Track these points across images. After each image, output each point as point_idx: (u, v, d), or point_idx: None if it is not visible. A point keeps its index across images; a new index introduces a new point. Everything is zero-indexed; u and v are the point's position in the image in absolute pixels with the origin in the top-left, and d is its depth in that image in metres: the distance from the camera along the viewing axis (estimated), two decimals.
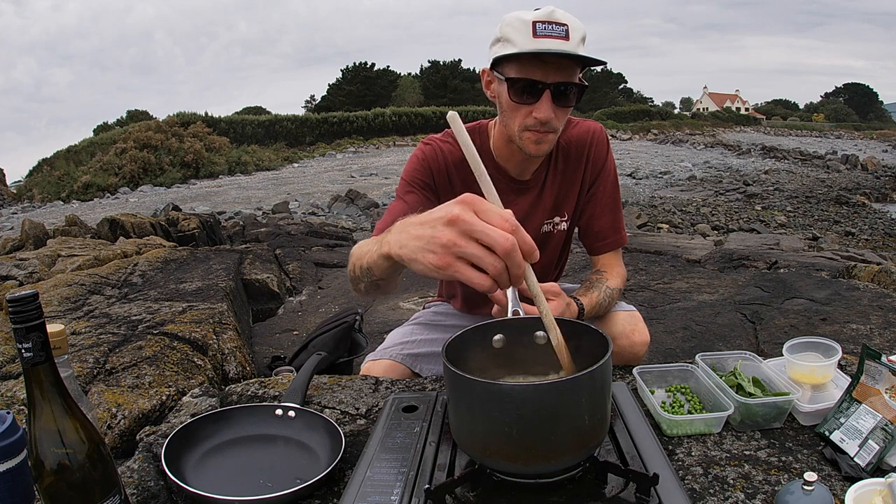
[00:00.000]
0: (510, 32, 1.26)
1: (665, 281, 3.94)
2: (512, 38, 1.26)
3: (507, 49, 1.27)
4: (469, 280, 0.76)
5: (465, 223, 0.75)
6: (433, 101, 47.47)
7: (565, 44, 1.24)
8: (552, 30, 1.24)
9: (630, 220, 10.56)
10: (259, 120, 35.70)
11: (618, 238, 1.60)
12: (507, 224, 0.75)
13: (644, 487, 0.85)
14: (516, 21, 1.26)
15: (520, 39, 1.24)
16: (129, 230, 6.30)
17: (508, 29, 1.27)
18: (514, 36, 1.25)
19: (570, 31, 1.25)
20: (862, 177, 20.20)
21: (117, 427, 1.43)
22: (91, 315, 2.36)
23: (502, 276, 0.75)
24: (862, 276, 3.78)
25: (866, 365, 1.05)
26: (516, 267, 0.75)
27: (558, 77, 1.27)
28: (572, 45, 1.25)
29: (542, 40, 1.23)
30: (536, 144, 1.35)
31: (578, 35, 1.27)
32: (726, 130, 47.80)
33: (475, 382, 0.80)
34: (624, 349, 1.52)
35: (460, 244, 0.75)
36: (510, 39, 1.26)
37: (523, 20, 1.25)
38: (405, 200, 1.43)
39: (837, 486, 0.94)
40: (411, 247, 0.81)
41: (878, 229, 12.10)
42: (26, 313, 0.70)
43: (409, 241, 0.81)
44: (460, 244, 0.75)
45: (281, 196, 16.52)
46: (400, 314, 3.53)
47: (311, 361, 1.38)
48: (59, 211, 17.27)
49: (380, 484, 0.91)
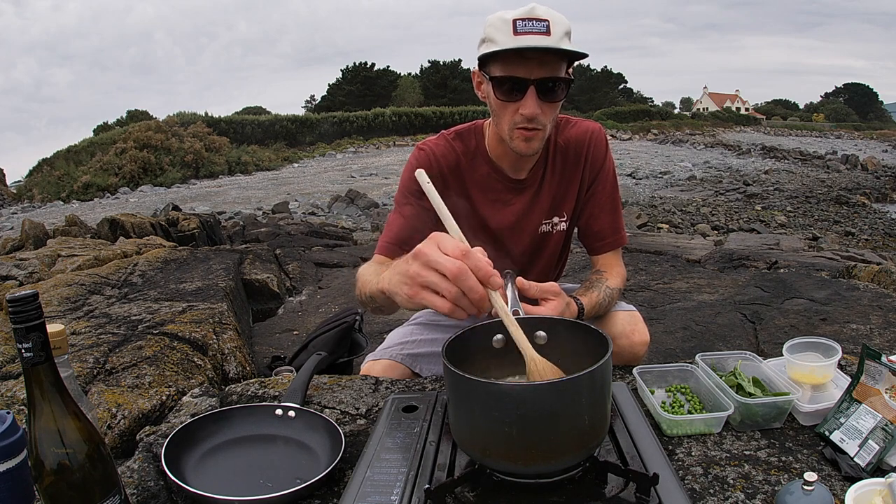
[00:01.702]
0: (492, 32, 1.27)
1: (665, 281, 3.94)
2: (494, 37, 1.26)
3: (490, 48, 1.27)
4: (433, 305, 0.86)
5: (424, 255, 0.86)
6: (433, 101, 47.48)
7: (546, 39, 1.24)
8: (532, 26, 1.24)
9: (630, 220, 10.56)
10: (259, 120, 35.71)
11: (617, 238, 1.60)
12: (457, 251, 0.85)
13: (644, 487, 0.85)
14: (497, 20, 1.27)
15: (501, 38, 1.25)
16: (129, 230, 6.30)
17: (490, 29, 1.28)
18: (496, 35, 1.26)
19: (552, 25, 1.24)
20: (862, 177, 20.21)
21: (117, 427, 1.43)
22: (91, 315, 2.36)
23: (460, 300, 0.84)
24: (862, 276, 3.78)
25: (866, 365, 1.05)
26: (470, 291, 0.83)
27: (542, 73, 1.27)
28: (554, 39, 1.24)
29: (523, 37, 1.23)
30: (526, 142, 1.35)
31: (561, 30, 1.26)
32: (726, 130, 47.80)
33: (475, 382, 0.80)
34: (624, 349, 1.52)
35: (422, 274, 0.86)
36: (493, 39, 1.27)
37: (504, 19, 1.25)
38: (403, 214, 1.46)
39: (837, 486, 0.94)
40: (393, 282, 0.94)
41: (878, 229, 12.10)
42: (26, 313, 0.70)
43: (393, 276, 0.95)
44: (422, 274, 0.86)
45: (281, 196, 16.53)
46: (400, 314, 3.52)
47: (311, 361, 1.38)
48: (59, 211, 17.27)
49: (380, 484, 0.91)
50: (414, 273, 0.87)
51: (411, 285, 0.88)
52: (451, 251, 0.85)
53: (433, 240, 0.88)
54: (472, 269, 0.83)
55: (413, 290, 0.88)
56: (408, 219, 1.44)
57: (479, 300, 0.84)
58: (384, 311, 1.31)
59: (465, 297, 0.84)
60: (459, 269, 0.83)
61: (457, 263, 0.83)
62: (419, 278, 0.87)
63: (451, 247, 0.85)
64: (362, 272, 1.32)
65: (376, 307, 1.25)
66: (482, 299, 0.84)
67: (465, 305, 0.84)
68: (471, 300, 0.84)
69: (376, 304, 1.21)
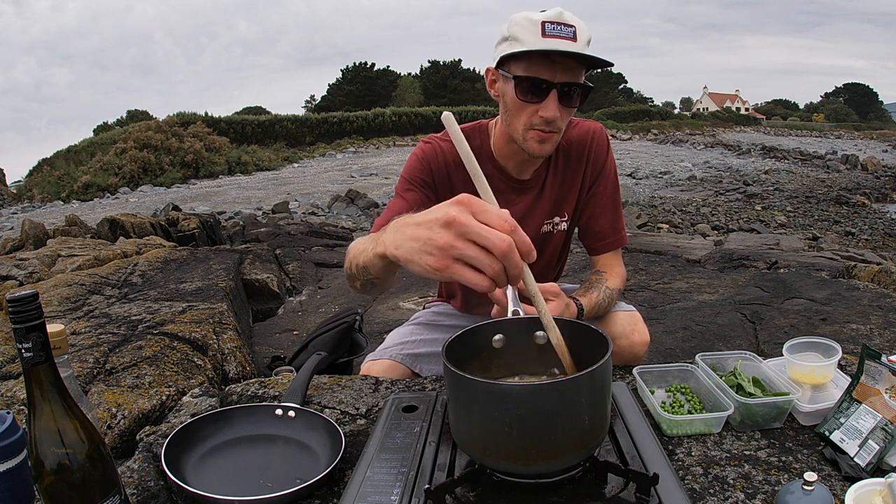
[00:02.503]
0: (518, 31, 1.27)
1: (665, 281, 3.94)
2: (520, 37, 1.27)
3: (515, 48, 1.28)
4: (468, 281, 0.75)
5: (462, 225, 0.74)
6: (433, 101, 47.48)
7: (573, 45, 1.26)
8: (561, 30, 1.25)
9: (630, 220, 10.56)
10: (259, 120, 35.70)
11: (617, 238, 1.61)
12: (506, 224, 0.74)
13: (644, 487, 0.85)
14: (525, 21, 1.27)
15: (529, 38, 1.26)
16: (129, 230, 6.29)
17: (517, 28, 1.28)
18: (523, 35, 1.26)
19: (578, 32, 1.27)
20: (862, 177, 20.20)
21: (117, 427, 1.43)
22: (91, 315, 2.36)
23: (500, 276, 0.75)
24: (862, 276, 3.78)
25: (866, 365, 1.05)
26: (514, 268, 0.75)
27: (565, 77, 1.29)
28: (579, 46, 1.27)
29: (551, 40, 1.25)
30: (540, 144, 1.35)
31: (585, 37, 1.28)
32: (726, 130, 47.80)
33: (475, 382, 0.80)
34: (624, 349, 1.52)
35: (458, 246, 0.74)
36: (518, 38, 1.27)
37: (532, 20, 1.26)
38: (405, 198, 1.44)
39: (837, 486, 0.94)
40: (408, 248, 0.80)
41: (878, 229, 12.10)
42: (26, 313, 0.70)
43: (406, 241, 0.81)
44: (458, 246, 0.74)
45: (281, 196, 16.52)
46: (400, 314, 3.53)
47: (311, 361, 1.38)
48: (59, 211, 17.27)
49: (380, 484, 0.91)
50: (446, 244, 0.75)
51: (439, 257, 0.76)
52: (498, 223, 0.74)
53: (465, 206, 0.76)
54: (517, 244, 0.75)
55: (442, 262, 0.76)
56: (411, 203, 1.40)
57: (517, 276, 0.76)
58: (377, 285, 1.11)
59: (504, 273, 0.75)
60: (510, 247, 0.73)
61: (507, 240, 0.73)
62: (452, 250, 0.75)
63: (495, 218, 0.75)
64: (354, 245, 1.16)
65: (368, 279, 1.06)
66: (520, 275, 0.77)
67: (501, 282, 0.76)
68: (510, 275, 0.76)
69: (369, 275, 1.03)
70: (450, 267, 0.76)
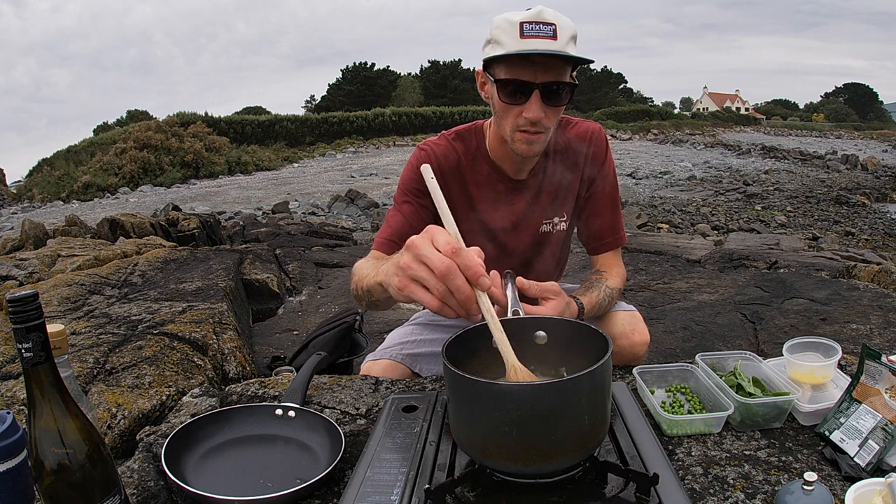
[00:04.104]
0: (498, 34, 1.27)
1: (665, 281, 3.94)
2: (500, 39, 1.26)
3: (496, 50, 1.27)
4: (420, 299, 0.84)
5: (416, 248, 0.84)
6: (433, 101, 47.46)
7: (553, 43, 1.24)
8: (539, 30, 1.24)
9: (630, 220, 10.56)
10: (259, 120, 35.70)
11: (617, 238, 1.61)
12: (448, 247, 0.83)
13: (644, 487, 0.85)
14: (504, 22, 1.26)
15: (507, 40, 1.25)
16: (129, 230, 6.29)
17: (497, 31, 1.27)
18: (503, 37, 1.26)
19: (559, 30, 1.24)
20: (862, 177, 20.19)
21: (117, 427, 1.43)
22: (91, 315, 2.36)
23: (447, 297, 0.82)
24: (862, 276, 3.78)
25: (866, 365, 1.05)
26: (457, 290, 0.82)
27: (547, 77, 1.27)
28: (560, 44, 1.25)
29: (530, 40, 1.23)
30: (528, 145, 1.35)
31: (567, 34, 1.26)
32: (726, 130, 47.81)
33: (475, 382, 0.80)
34: (624, 349, 1.52)
35: (413, 267, 0.84)
36: (499, 41, 1.27)
37: (511, 21, 1.25)
38: (402, 212, 1.46)
39: (837, 486, 0.94)
40: (385, 271, 0.94)
41: (878, 229, 12.09)
42: (26, 313, 0.70)
43: (388, 268, 0.93)
44: (413, 267, 0.84)
45: (281, 196, 16.52)
46: (400, 314, 3.53)
47: (311, 361, 1.38)
48: (59, 211, 17.27)
49: (380, 484, 0.91)
50: (404, 265, 0.85)
51: (401, 277, 0.86)
52: (443, 247, 0.83)
53: (427, 233, 0.86)
54: (461, 268, 0.82)
55: (402, 281, 0.86)
56: (407, 216, 1.44)
57: (465, 300, 0.82)
58: (380, 305, 1.28)
59: (453, 297, 0.82)
60: (447, 268, 0.81)
61: (445, 261, 0.82)
62: (409, 270, 0.85)
63: (443, 242, 0.84)
64: (359, 267, 1.31)
65: (372, 301, 1.22)
66: (469, 300, 0.83)
67: (453, 305, 0.83)
68: (458, 300, 0.82)
69: (373, 297, 1.19)
70: (408, 286, 0.86)
